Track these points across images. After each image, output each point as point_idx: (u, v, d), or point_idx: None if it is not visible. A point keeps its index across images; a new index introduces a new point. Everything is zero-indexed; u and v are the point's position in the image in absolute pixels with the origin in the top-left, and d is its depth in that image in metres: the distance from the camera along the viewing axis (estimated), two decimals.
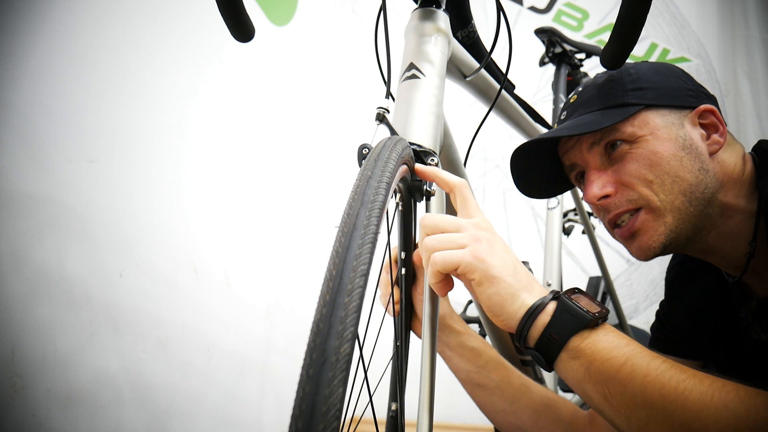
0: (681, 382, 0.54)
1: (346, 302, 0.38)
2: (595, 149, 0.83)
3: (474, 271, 0.62)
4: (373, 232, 0.44)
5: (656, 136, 0.79)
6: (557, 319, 0.61)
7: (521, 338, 0.62)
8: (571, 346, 0.60)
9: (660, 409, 0.54)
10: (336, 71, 2.73)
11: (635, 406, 0.56)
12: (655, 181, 0.78)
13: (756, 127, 2.61)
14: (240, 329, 1.86)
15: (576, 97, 0.88)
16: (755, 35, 2.71)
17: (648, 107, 0.80)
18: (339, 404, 0.34)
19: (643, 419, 0.56)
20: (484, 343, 0.93)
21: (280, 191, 2.18)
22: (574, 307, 0.61)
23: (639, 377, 0.56)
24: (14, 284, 1.16)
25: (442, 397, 0.71)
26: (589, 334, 0.60)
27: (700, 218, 0.79)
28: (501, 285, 0.62)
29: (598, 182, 0.82)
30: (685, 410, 0.53)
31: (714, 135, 0.81)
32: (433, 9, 0.81)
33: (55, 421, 1.21)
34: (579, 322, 0.60)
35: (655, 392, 0.55)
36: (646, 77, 0.83)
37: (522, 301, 0.62)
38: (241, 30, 0.80)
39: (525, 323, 0.61)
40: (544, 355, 0.61)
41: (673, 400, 0.54)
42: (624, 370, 0.56)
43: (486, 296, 0.62)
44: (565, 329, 0.60)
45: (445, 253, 0.62)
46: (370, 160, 0.54)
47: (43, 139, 1.26)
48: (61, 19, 1.32)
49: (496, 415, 0.94)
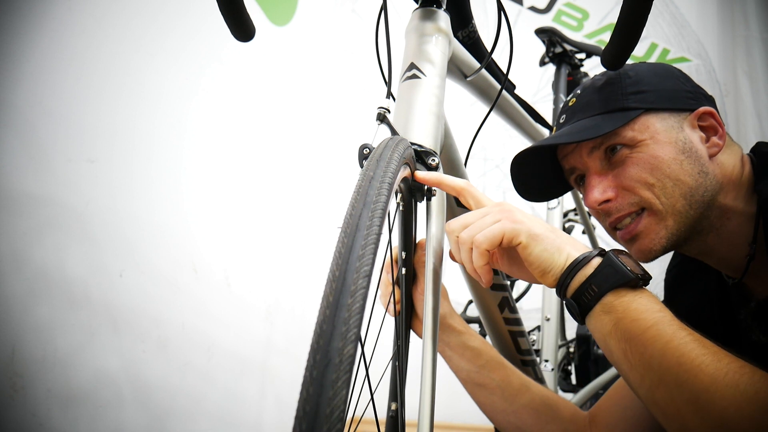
0: (700, 355, 0.55)
1: (349, 303, 0.38)
2: (595, 154, 0.82)
3: (518, 234, 0.65)
4: (376, 233, 0.44)
5: (656, 140, 0.79)
6: (600, 272, 0.63)
7: (562, 288, 0.65)
8: (606, 300, 0.62)
9: (673, 376, 0.56)
10: (336, 71, 2.73)
11: (651, 368, 0.57)
12: (656, 184, 0.78)
13: (756, 127, 2.61)
14: (240, 329, 1.85)
15: (575, 101, 0.87)
16: (755, 35, 2.71)
17: (648, 111, 0.80)
18: (342, 406, 0.34)
19: (656, 381, 0.57)
20: (485, 342, 0.93)
21: (280, 191, 2.18)
22: (618, 264, 0.62)
23: (661, 342, 0.57)
24: (14, 284, 1.16)
25: (442, 397, 0.71)
26: (626, 292, 0.61)
27: (699, 221, 0.79)
28: (546, 241, 0.65)
29: (599, 187, 0.82)
30: (696, 381, 0.54)
31: (713, 137, 0.81)
32: (434, 9, 0.81)
33: (55, 421, 1.21)
34: (619, 279, 0.62)
35: (673, 359, 0.56)
36: (646, 80, 0.82)
37: (568, 253, 0.65)
38: (242, 30, 0.80)
39: (569, 273, 0.64)
40: (580, 306, 0.64)
41: (687, 369, 0.55)
42: (649, 332, 0.58)
43: (535, 255, 0.65)
44: (606, 283, 0.62)
45: (486, 231, 0.66)
46: (372, 160, 0.54)
47: (43, 139, 1.26)
48: (61, 19, 1.32)
49: (496, 414, 0.94)
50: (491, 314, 1.06)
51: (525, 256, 0.66)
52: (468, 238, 0.67)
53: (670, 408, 0.57)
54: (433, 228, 0.70)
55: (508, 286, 1.06)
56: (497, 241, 0.65)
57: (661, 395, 0.57)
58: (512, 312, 1.06)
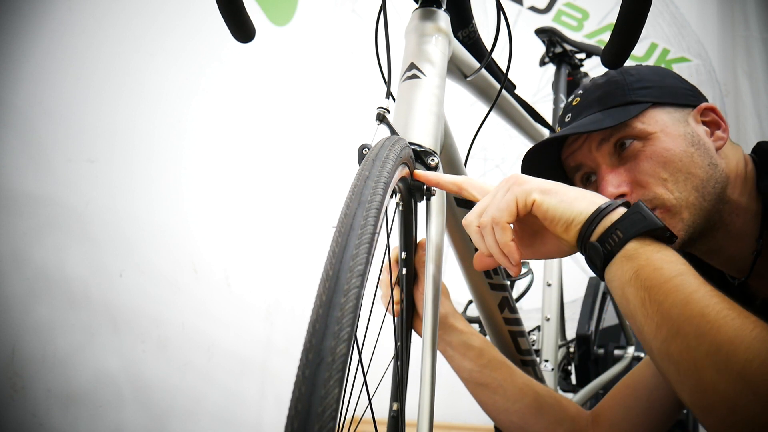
0: (725, 309, 0.52)
1: (342, 302, 0.38)
2: (604, 147, 0.82)
3: (530, 193, 0.62)
4: (371, 233, 0.44)
5: (666, 133, 0.80)
6: (627, 218, 0.59)
7: (585, 234, 0.61)
8: (630, 246, 0.58)
9: (695, 326, 0.52)
10: (336, 71, 2.73)
11: (670, 318, 0.54)
12: (669, 179, 0.78)
13: (756, 127, 2.60)
14: (240, 329, 1.86)
15: (579, 100, 0.87)
16: (755, 35, 2.71)
17: (654, 105, 0.81)
18: (335, 405, 0.34)
19: (672, 332, 0.53)
20: (486, 342, 0.93)
21: (280, 191, 2.18)
22: (647, 211, 0.59)
23: (684, 292, 0.54)
24: (14, 284, 1.16)
25: (442, 397, 0.71)
26: (651, 242, 0.58)
27: (712, 213, 0.79)
28: (561, 193, 0.63)
29: (613, 181, 0.81)
30: (720, 332, 0.51)
31: (717, 131, 0.83)
32: (434, 9, 0.81)
33: (55, 421, 1.21)
34: (647, 225, 0.58)
35: (696, 309, 0.53)
36: (647, 77, 0.84)
37: (590, 200, 0.62)
38: (242, 30, 0.80)
39: (594, 218, 0.60)
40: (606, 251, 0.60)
41: (711, 320, 0.51)
42: (672, 282, 0.55)
43: (553, 208, 0.62)
44: (633, 227, 0.58)
45: (499, 203, 0.63)
46: (368, 160, 0.54)
47: (43, 139, 1.26)
48: (61, 19, 1.32)
49: (498, 414, 0.94)
50: (491, 314, 1.06)
51: (542, 213, 0.63)
52: (488, 221, 0.64)
53: (686, 361, 0.52)
54: (433, 228, 0.70)
55: (508, 286, 1.06)
56: (513, 208, 0.63)
57: (677, 347, 0.53)
58: (512, 312, 1.06)
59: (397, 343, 0.76)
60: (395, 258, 0.85)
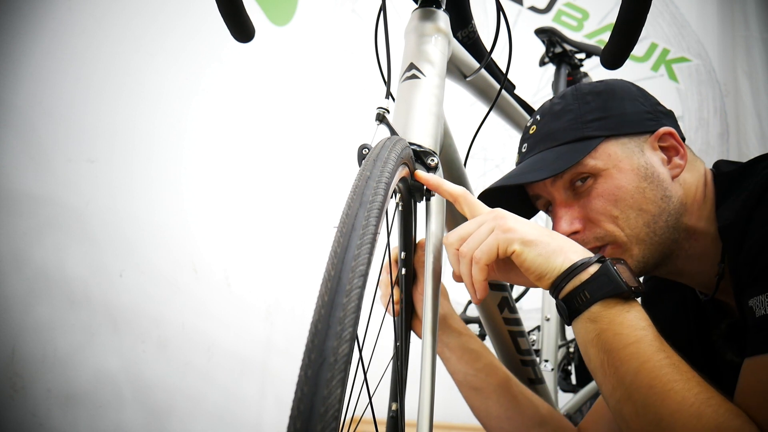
0: (672, 381, 0.57)
1: (344, 303, 0.38)
2: (559, 183, 0.81)
3: (512, 242, 0.66)
4: (372, 233, 0.44)
5: (619, 168, 0.78)
6: (595, 280, 0.63)
7: (556, 289, 0.66)
8: (594, 309, 0.63)
9: (643, 396, 0.58)
10: (336, 71, 2.73)
11: (623, 384, 0.59)
12: (620, 216, 0.77)
13: (756, 127, 2.60)
14: (240, 329, 1.85)
15: (535, 129, 0.85)
16: (755, 35, 2.71)
17: (608, 138, 0.79)
18: (337, 405, 0.34)
19: (625, 397, 0.59)
20: (484, 346, 0.93)
21: (280, 191, 2.18)
22: (613, 274, 0.63)
23: (637, 362, 0.59)
24: (14, 284, 1.16)
25: (442, 397, 0.71)
26: (615, 303, 0.62)
27: (666, 245, 0.79)
28: (541, 245, 0.66)
29: (566, 218, 0.81)
30: (662, 405, 0.56)
31: (675, 158, 0.80)
32: (434, 9, 0.81)
33: (55, 421, 1.21)
34: (613, 289, 0.62)
35: (644, 380, 0.58)
36: (605, 104, 0.81)
37: (566, 256, 0.66)
38: (241, 30, 0.80)
39: (566, 276, 0.64)
40: (569, 309, 0.65)
41: (657, 392, 0.57)
42: (628, 349, 0.59)
43: (530, 261, 0.66)
44: (598, 291, 0.63)
45: (482, 246, 0.66)
46: (369, 160, 0.54)
47: (43, 139, 1.26)
48: (61, 19, 1.32)
49: (489, 420, 0.93)
50: (491, 314, 1.06)
51: (520, 263, 0.67)
52: (468, 252, 0.67)
53: (635, 425, 0.59)
54: (432, 228, 0.70)
55: (508, 287, 1.06)
56: (494, 254, 0.66)
57: (628, 411, 0.59)
58: (512, 312, 1.06)
59: (396, 343, 0.76)
60: (395, 258, 0.85)
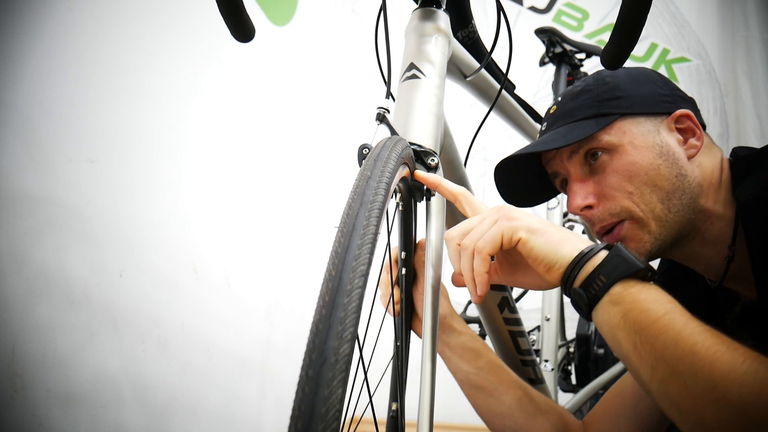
0: (714, 344, 0.53)
1: (345, 303, 0.38)
2: (575, 159, 0.83)
3: (517, 231, 0.64)
4: (373, 233, 0.44)
5: (634, 145, 0.80)
6: (608, 262, 0.61)
7: (568, 280, 0.63)
8: (614, 291, 0.59)
9: (688, 365, 0.53)
10: (336, 71, 2.73)
11: (663, 359, 0.55)
12: (634, 192, 0.78)
13: (756, 127, 2.60)
14: (240, 329, 1.85)
15: (555, 108, 0.89)
16: (755, 35, 2.71)
17: (624, 116, 0.81)
18: (338, 405, 0.34)
19: (668, 372, 0.54)
20: (484, 345, 0.93)
21: (280, 191, 2.18)
22: (627, 254, 0.61)
23: (674, 331, 0.55)
24: (14, 284, 1.16)
25: (442, 397, 0.71)
26: (635, 283, 0.59)
27: (683, 224, 0.79)
28: (547, 234, 0.64)
29: (580, 193, 0.82)
30: (712, 369, 0.52)
31: (691, 139, 0.82)
32: (434, 9, 0.81)
33: (55, 421, 1.21)
34: (629, 268, 0.60)
35: (686, 347, 0.53)
36: (622, 86, 0.83)
37: (573, 245, 0.63)
38: (241, 30, 0.80)
39: (576, 264, 0.62)
40: (591, 296, 0.61)
41: (702, 357, 0.52)
42: (661, 322, 0.56)
43: (537, 249, 0.63)
44: (615, 272, 0.60)
45: (485, 236, 0.65)
46: (369, 160, 0.54)
47: (43, 139, 1.26)
48: (61, 19, 1.32)
49: (492, 417, 0.93)
50: (491, 314, 1.06)
51: (527, 252, 0.64)
52: (470, 244, 0.65)
53: (685, 400, 0.53)
54: (432, 228, 0.70)
55: (508, 287, 1.06)
56: (498, 242, 0.64)
57: (674, 387, 0.54)
58: (512, 312, 1.06)
59: (396, 343, 0.76)
60: (395, 258, 0.85)
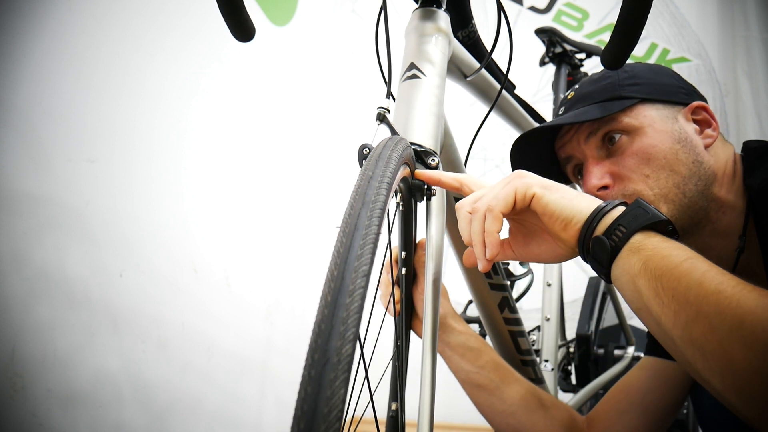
0: (738, 284, 0.51)
1: (347, 303, 0.38)
2: (592, 140, 0.85)
3: (531, 187, 0.62)
4: (375, 233, 0.44)
5: (654, 129, 0.81)
6: (629, 213, 0.59)
7: (586, 234, 0.60)
8: (635, 240, 0.57)
9: (714, 304, 0.51)
10: (336, 71, 2.73)
11: (686, 302, 0.53)
12: (651, 175, 0.80)
13: (756, 127, 2.61)
14: (240, 329, 1.85)
15: (573, 94, 0.90)
16: (755, 35, 2.71)
17: (644, 101, 0.83)
18: (341, 405, 0.34)
19: (692, 315, 0.52)
20: (485, 343, 0.93)
21: (280, 191, 2.18)
22: (647, 205, 0.59)
23: (697, 273, 0.53)
24: (14, 284, 1.16)
25: (442, 397, 0.71)
26: (655, 234, 0.58)
27: (696, 210, 0.80)
28: (562, 190, 0.62)
29: (596, 173, 0.84)
30: (740, 306, 0.49)
31: (707, 130, 0.84)
32: (434, 9, 0.81)
33: (55, 421, 1.21)
34: (651, 218, 0.58)
35: (711, 287, 0.51)
36: (641, 74, 0.86)
37: (590, 200, 0.61)
38: (242, 30, 0.80)
39: (595, 216, 0.60)
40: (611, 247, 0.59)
41: (729, 295, 0.50)
42: (683, 266, 0.54)
43: (553, 203, 0.61)
44: (636, 221, 0.58)
45: (497, 193, 0.62)
46: (371, 160, 0.54)
47: (43, 139, 1.26)
48: (61, 19, 1.32)
49: (494, 416, 0.94)
50: (491, 314, 1.06)
51: (542, 208, 0.62)
52: (482, 206, 0.63)
53: (711, 342, 0.50)
54: (433, 228, 0.70)
55: (508, 286, 1.06)
56: (511, 200, 0.62)
57: (699, 330, 0.51)
58: (512, 312, 1.06)
59: (397, 343, 0.76)
60: (395, 258, 0.85)
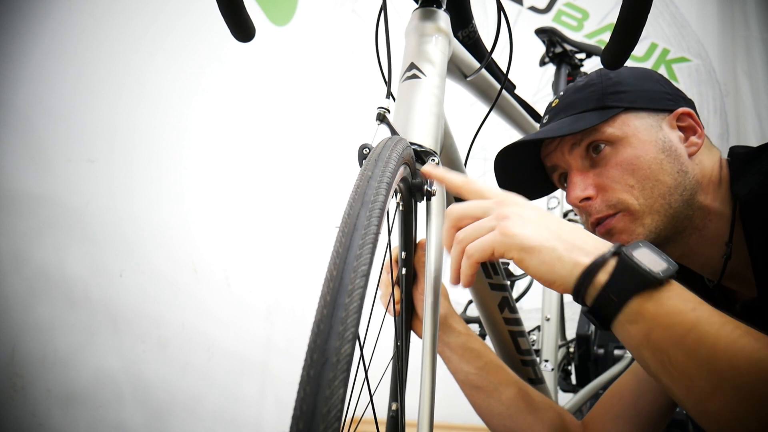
0: (755, 351, 0.48)
1: (346, 303, 0.38)
2: (576, 151, 0.84)
3: (510, 249, 0.59)
4: (374, 233, 0.44)
5: (638, 138, 0.80)
6: (616, 279, 0.54)
7: (579, 298, 0.57)
8: (630, 309, 0.53)
9: (728, 381, 0.48)
10: (336, 71, 2.73)
11: (699, 378, 0.50)
12: (636, 185, 0.79)
13: (756, 127, 2.61)
14: (240, 329, 1.85)
15: (557, 102, 0.89)
16: (755, 35, 2.71)
17: (627, 110, 0.82)
18: (340, 405, 0.34)
19: (707, 390, 0.49)
20: (485, 345, 0.93)
21: (280, 191, 2.18)
22: (635, 266, 0.54)
23: (706, 347, 0.49)
24: (14, 284, 1.16)
25: (442, 397, 0.71)
26: (651, 295, 0.53)
27: (680, 219, 0.79)
28: (543, 252, 0.57)
29: (580, 184, 0.83)
30: (756, 379, 0.47)
31: (692, 137, 0.83)
32: (434, 9, 0.81)
33: (55, 421, 1.21)
34: (640, 283, 0.53)
35: (724, 363, 0.48)
36: (625, 81, 0.84)
37: (575, 261, 0.56)
38: (242, 30, 0.80)
39: (582, 283, 0.55)
40: (603, 315, 0.55)
41: (744, 371, 0.48)
42: (689, 338, 0.50)
43: (533, 268, 0.58)
44: (625, 290, 0.53)
45: (477, 243, 0.60)
46: (370, 160, 0.54)
47: (43, 139, 1.26)
48: (61, 19, 1.32)
49: (492, 418, 0.93)
50: (491, 314, 1.06)
51: (524, 268, 0.60)
52: (464, 240, 0.62)
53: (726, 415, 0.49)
54: (433, 228, 0.70)
55: (508, 286, 1.06)
56: (487, 255, 0.60)
57: (716, 405, 0.49)
58: (512, 312, 1.06)
59: (396, 343, 0.76)
60: (395, 258, 0.85)
